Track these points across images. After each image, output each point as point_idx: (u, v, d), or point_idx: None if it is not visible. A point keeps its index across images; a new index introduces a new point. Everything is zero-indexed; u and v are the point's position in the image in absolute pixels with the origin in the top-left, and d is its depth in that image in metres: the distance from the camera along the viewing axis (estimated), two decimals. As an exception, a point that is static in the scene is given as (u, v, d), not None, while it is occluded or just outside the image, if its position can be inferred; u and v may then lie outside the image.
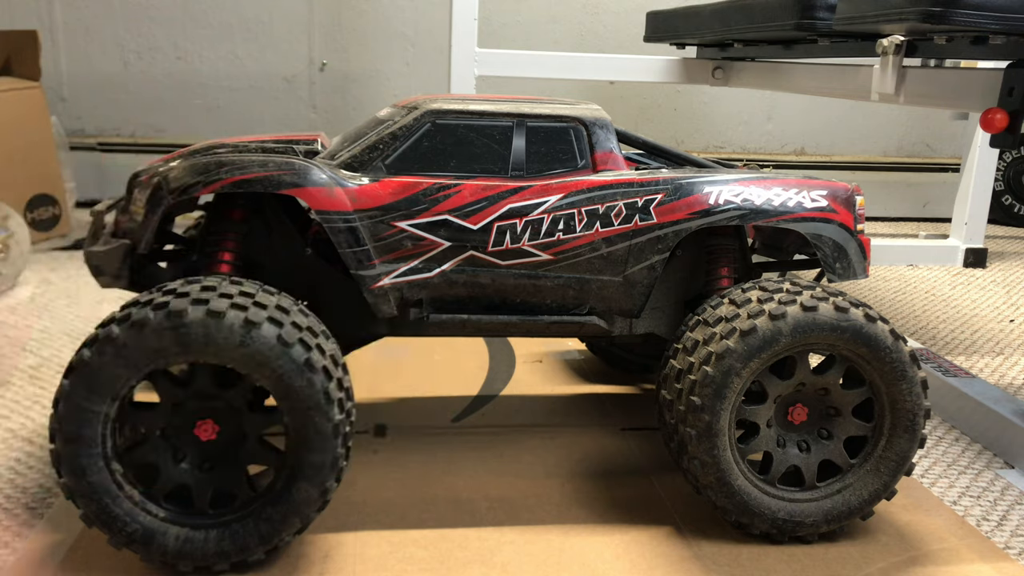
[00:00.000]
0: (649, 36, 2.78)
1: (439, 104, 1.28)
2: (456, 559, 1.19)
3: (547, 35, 3.60)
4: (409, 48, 3.55)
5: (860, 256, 1.35)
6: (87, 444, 1.05)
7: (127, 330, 1.04)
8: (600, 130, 1.31)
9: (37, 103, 2.84)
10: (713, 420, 1.18)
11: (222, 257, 1.29)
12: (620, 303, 1.32)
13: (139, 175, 1.26)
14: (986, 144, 2.70)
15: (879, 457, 1.25)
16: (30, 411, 1.64)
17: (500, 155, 1.27)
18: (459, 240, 1.25)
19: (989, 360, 2.14)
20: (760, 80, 2.54)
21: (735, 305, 1.22)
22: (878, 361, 1.20)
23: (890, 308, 2.57)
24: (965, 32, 1.44)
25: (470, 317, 1.29)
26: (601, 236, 1.28)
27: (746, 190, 1.31)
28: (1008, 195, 3.88)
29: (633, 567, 1.19)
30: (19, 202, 2.75)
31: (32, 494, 1.34)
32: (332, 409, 1.08)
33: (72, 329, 2.09)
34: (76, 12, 3.35)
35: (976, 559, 1.25)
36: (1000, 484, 1.51)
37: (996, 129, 1.44)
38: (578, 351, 2.03)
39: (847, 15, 1.68)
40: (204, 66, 3.45)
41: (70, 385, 1.04)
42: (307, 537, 1.22)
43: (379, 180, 1.23)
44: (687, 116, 3.80)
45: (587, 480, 1.42)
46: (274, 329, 1.06)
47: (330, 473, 1.10)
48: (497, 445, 1.53)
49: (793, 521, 1.23)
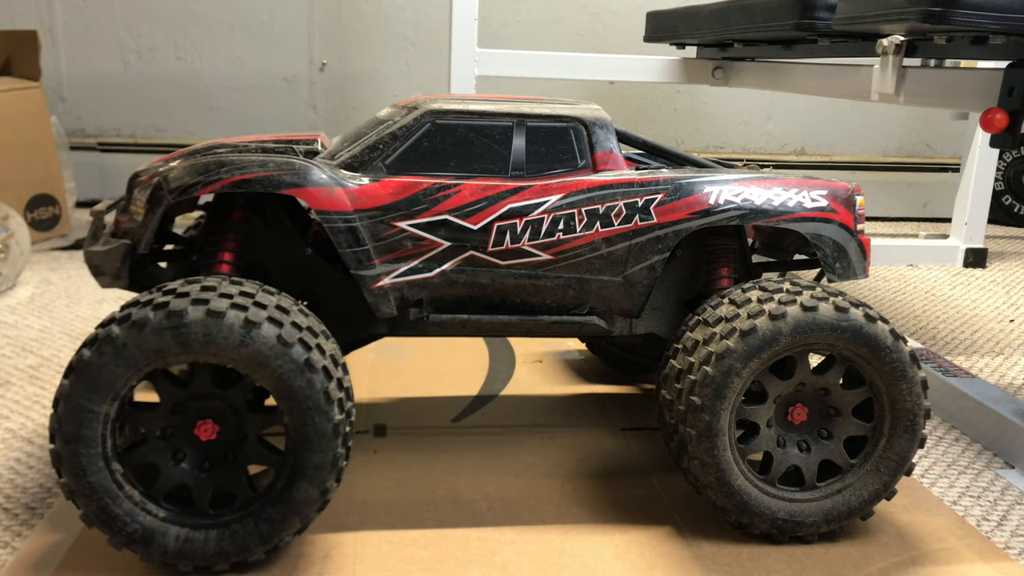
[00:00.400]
0: (649, 36, 2.78)
1: (439, 104, 1.28)
2: (456, 559, 1.19)
3: (547, 35, 3.59)
4: (409, 48, 3.55)
5: (860, 256, 1.35)
6: (87, 444, 1.05)
7: (127, 330, 1.04)
8: (600, 130, 1.31)
9: (37, 103, 2.84)
10: (713, 420, 1.18)
11: (222, 257, 1.29)
12: (620, 303, 1.32)
13: (139, 175, 1.26)
14: (986, 144, 2.70)
15: (879, 457, 1.25)
16: (30, 411, 1.64)
17: (500, 155, 1.27)
18: (459, 240, 1.25)
19: (989, 360, 2.14)
20: (760, 80, 2.54)
21: (735, 305, 1.22)
22: (878, 361, 1.20)
23: (890, 308, 2.57)
24: (965, 32, 1.44)
25: (470, 317, 1.29)
26: (601, 236, 1.28)
27: (746, 190, 1.31)
28: (1008, 195, 3.88)
29: (633, 567, 1.19)
30: (19, 202, 2.75)
31: (32, 494, 1.34)
32: (332, 409, 1.08)
33: (72, 329, 2.09)
34: (76, 12, 3.35)
35: (976, 559, 1.25)
36: (1000, 484, 1.51)
37: (996, 129, 1.44)
38: (578, 351, 2.03)
39: (847, 15, 1.68)
40: (204, 66, 3.45)
41: (70, 385, 1.04)
42: (307, 537, 1.22)
43: (379, 180, 1.23)
44: (687, 116, 3.80)
45: (587, 480, 1.42)
46: (274, 329, 1.06)
47: (330, 473, 1.10)
48: (497, 445, 1.53)
49: (793, 521, 1.23)
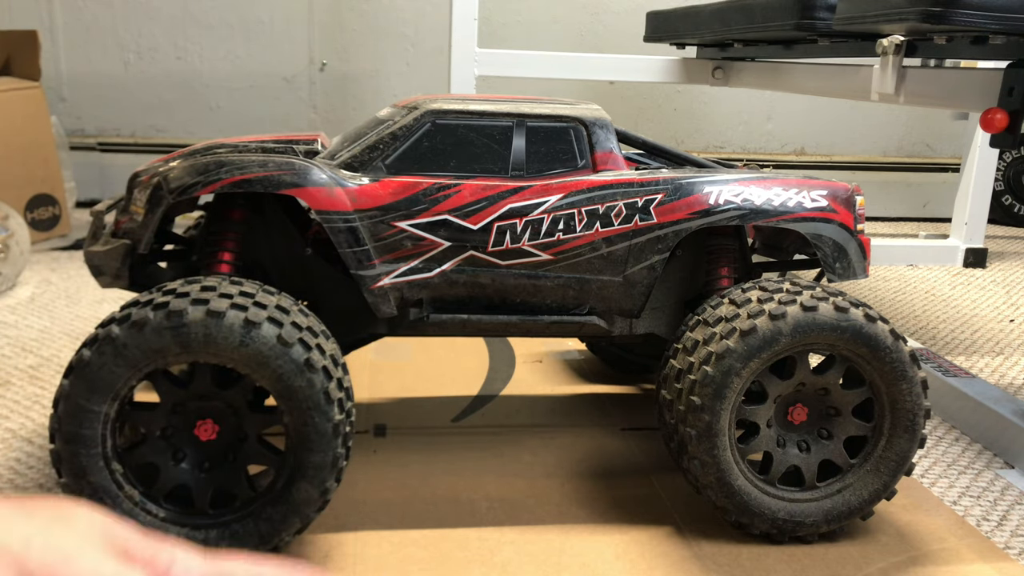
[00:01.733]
0: (649, 36, 2.78)
1: (439, 104, 1.28)
2: (456, 559, 1.19)
3: (547, 35, 3.59)
4: (409, 48, 3.54)
5: (860, 256, 1.35)
6: (87, 444, 1.05)
7: (127, 330, 1.04)
8: (600, 130, 1.31)
9: (37, 103, 2.84)
10: (713, 420, 1.18)
11: (222, 257, 1.29)
12: (620, 303, 1.32)
13: (139, 175, 1.26)
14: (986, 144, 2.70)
15: (879, 457, 1.25)
16: (30, 411, 1.64)
17: (500, 155, 1.27)
18: (459, 240, 1.25)
19: (989, 360, 2.14)
20: (760, 80, 2.54)
21: (735, 305, 1.22)
22: (878, 361, 1.20)
23: (890, 308, 2.57)
24: (965, 32, 1.44)
25: (470, 317, 1.29)
26: (601, 236, 1.28)
27: (746, 190, 1.31)
28: (1008, 195, 3.88)
29: (633, 567, 1.19)
30: (19, 202, 2.75)
31: (32, 494, 1.34)
32: (332, 409, 1.08)
33: (72, 329, 2.09)
34: (76, 12, 3.35)
35: (976, 559, 1.25)
36: (1000, 484, 1.51)
37: (996, 129, 1.44)
38: (578, 351, 2.03)
39: (847, 15, 1.68)
40: (204, 66, 3.45)
41: (70, 385, 1.04)
42: (307, 537, 1.22)
43: (379, 180, 1.23)
44: (687, 116, 3.80)
45: (587, 480, 1.42)
46: (274, 329, 1.06)
47: (330, 473, 1.10)
48: (497, 445, 1.53)
49: (793, 521, 1.23)
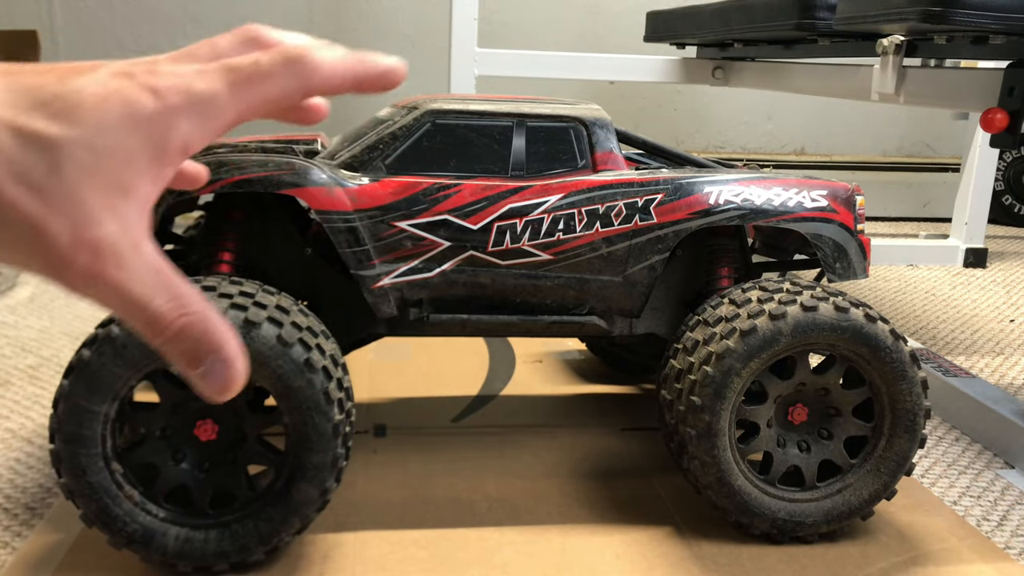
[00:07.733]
0: (649, 36, 2.78)
1: (439, 104, 1.28)
2: (456, 559, 1.19)
3: (547, 35, 3.59)
4: (409, 48, 3.54)
5: (860, 256, 1.34)
6: (87, 444, 1.05)
7: (127, 330, 1.04)
8: (600, 130, 1.31)
9: (37, 103, 2.84)
10: (713, 420, 1.18)
11: (222, 257, 1.29)
12: (620, 303, 1.32)
13: (139, 175, 1.26)
14: (986, 144, 2.70)
15: (879, 457, 1.25)
16: (30, 411, 1.64)
17: (500, 155, 1.27)
18: (459, 240, 1.25)
19: (989, 360, 2.14)
20: (760, 80, 2.54)
21: (735, 305, 1.22)
22: (878, 361, 1.20)
23: (890, 308, 2.57)
24: (965, 32, 1.44)
25: (470, 317, 1.29)
26: (601, 236, 1.28)
27: (746, 190, 1.31)
28: (1008, 195, 3.88)
29: (633, 567, 1.19)
30: (19, 202, 2.74)
31: (32, 494, 1.34)
32: (332, 409, 1.08)
33: (72, 329, 2.09)
34: (76, 12, 3.35)
35: (976, 559, 1.25)
36: (1000, 484, 1.51)
37: (996, 129, 1.44)
38: (578, 351, 2.03)
39: (847, 15, 1.68)
40: (204, 66, 3.45)
41: (70, 385, 1.04)
42: (307, 537, 1.22)
43: (379, 180, 1.23)
44: (687, 116, 3.80)
45: (587, 480, 1.42)
46: (274, 329, 1.06)
47: (330, 473, 1.10)
48: (497, 445, 1.53)
49: (793, 521, 1.23)
